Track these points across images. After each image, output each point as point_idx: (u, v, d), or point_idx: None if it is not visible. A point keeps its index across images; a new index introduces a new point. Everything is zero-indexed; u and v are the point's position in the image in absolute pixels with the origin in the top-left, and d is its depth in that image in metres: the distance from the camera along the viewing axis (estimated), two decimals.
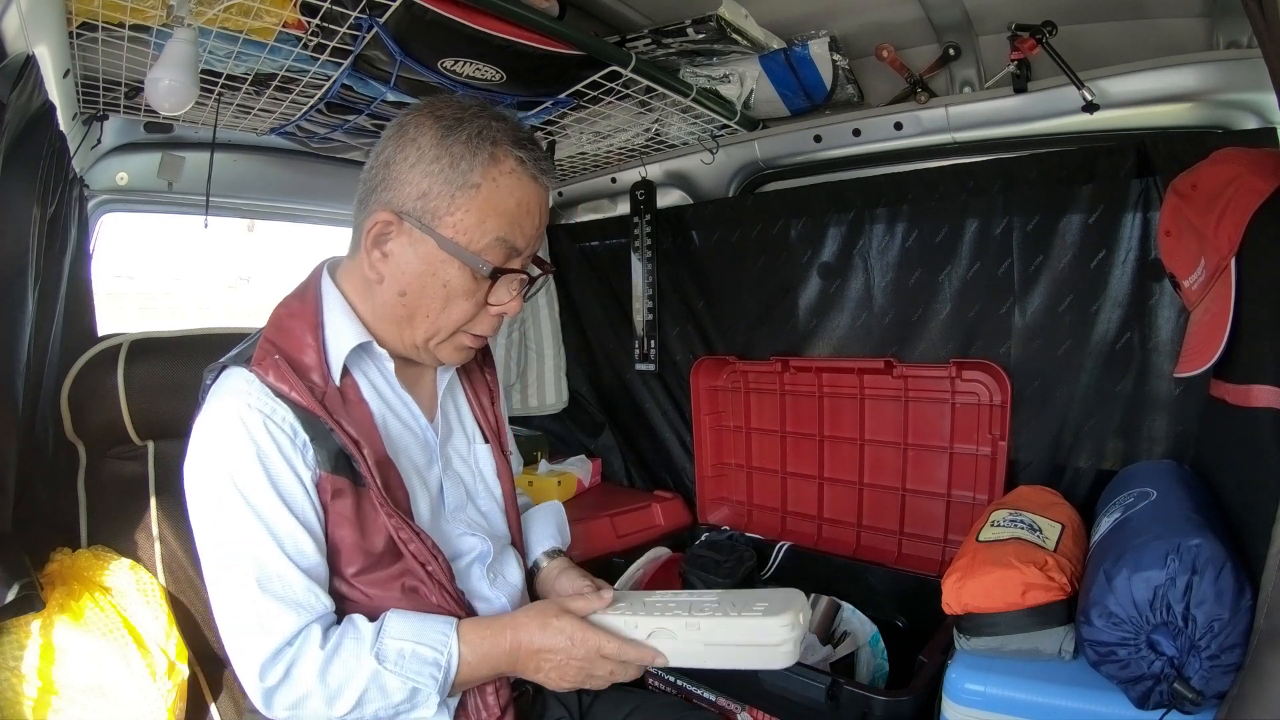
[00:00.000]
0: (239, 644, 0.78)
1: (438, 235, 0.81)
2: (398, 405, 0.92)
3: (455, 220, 0.81)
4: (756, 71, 1.34)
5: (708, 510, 1.76)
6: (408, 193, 0.81)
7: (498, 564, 0.98)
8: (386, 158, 0.83)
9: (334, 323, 0.86)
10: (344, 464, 0.82)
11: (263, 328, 0.87)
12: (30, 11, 0.82)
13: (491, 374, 1.07)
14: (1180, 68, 1.15)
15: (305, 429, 0.80)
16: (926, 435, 1.45)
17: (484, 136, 0.80)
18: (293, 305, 0.88)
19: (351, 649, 0.78)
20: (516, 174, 0.82)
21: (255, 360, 0.81)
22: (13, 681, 0.87)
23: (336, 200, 1.86)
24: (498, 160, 0.81)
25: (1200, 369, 0.89)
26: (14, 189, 0.88)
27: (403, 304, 0.85)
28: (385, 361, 0.89)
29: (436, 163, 0.80)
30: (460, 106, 0.83)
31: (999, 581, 0.91)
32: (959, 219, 1.39)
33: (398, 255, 0.83)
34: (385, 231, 0.82)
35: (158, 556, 1.14)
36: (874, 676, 1.20)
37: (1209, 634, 0.75)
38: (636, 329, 1.87)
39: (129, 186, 1.48)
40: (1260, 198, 0.85)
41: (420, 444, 0.94)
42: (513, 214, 0.83)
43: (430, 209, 0.81)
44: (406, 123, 0.83)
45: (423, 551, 0.85)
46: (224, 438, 0.79)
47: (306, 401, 0.80)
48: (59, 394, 1.09)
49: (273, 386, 0.80)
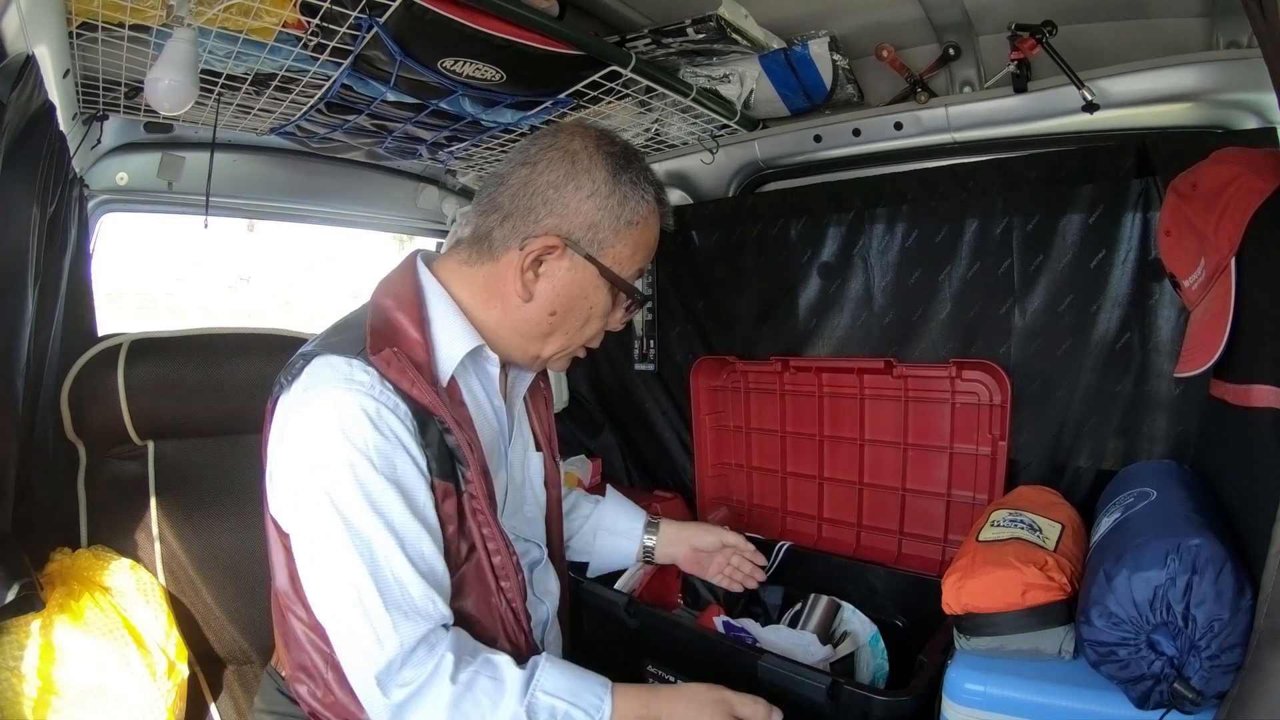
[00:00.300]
0: (353, 656, 0.74)
1: (600, 264, 0.86)
2: (488, 411, 0.93)
3: (615, 252, 0.87)
4: (756, 71, 1.34)
5: (708, 510, 1.76)
6: (579, 222, 0.85)
7: (542, 572, 1.00)
8: (553, 181, 0.85)
9: (444, 323, 0.86)
10: (449, 467, 0.81)
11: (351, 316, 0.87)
12: (30, 11, 0.82)
13: (548, 384, 1.10)
14: (1180, 68, 1.15)
15: (421, 431, 0.79)
16: (926, 435, 1.45)
17: (647, 180, 0.88)
18: (397, 297, 0.86)
19: (490, 690, 0.74)
20: (657, 215, 0.91)
21: (372, 349, 0.78)
22: (13, 681, 0.87)
23: (337, 200, 1.86)
24: (650, 204, 0.89)
25: (1200, 369, 0.89)
26: (14, 189, 0.88)
27: (549, 321, 0.88)
28: (493, 366, 0.91)
29: (610, 198, 0.85)
30: (623, 144, 0.89)
31: (999, 581, 0.90)
32: (959, 219, 1.39)
33: (554, 277, 0.86)
34: (547, 255, 0.85)
35: (158, 556, 1.15)
36: (874, 676, 1.20)
37: (1209, 634, 0.75)
38: (636, 329, 1.87)
39: (129, 186, 1.48)
40: (1260, 198, 0.85)
41: (495, 448, 0.94)
42: (650, 249, 0.92)
43: (599, 240, 0.86)
44: (576, 151, 0.85)
45: (505, 565, 0.85)
46: (343, 429, 0.75)
47: (428, 400, 0.78)
48: (59, 394, 1.10)
49: (394, 381, 0.77)
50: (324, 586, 0.76)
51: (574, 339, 0.92)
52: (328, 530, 0.75)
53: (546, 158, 0.86)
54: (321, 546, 0.76)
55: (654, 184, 0.90)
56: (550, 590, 1.01)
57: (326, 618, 0.76)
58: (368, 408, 0.75)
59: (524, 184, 0.86)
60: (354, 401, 0.75)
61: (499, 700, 0.74)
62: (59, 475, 1.12)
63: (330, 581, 0.75)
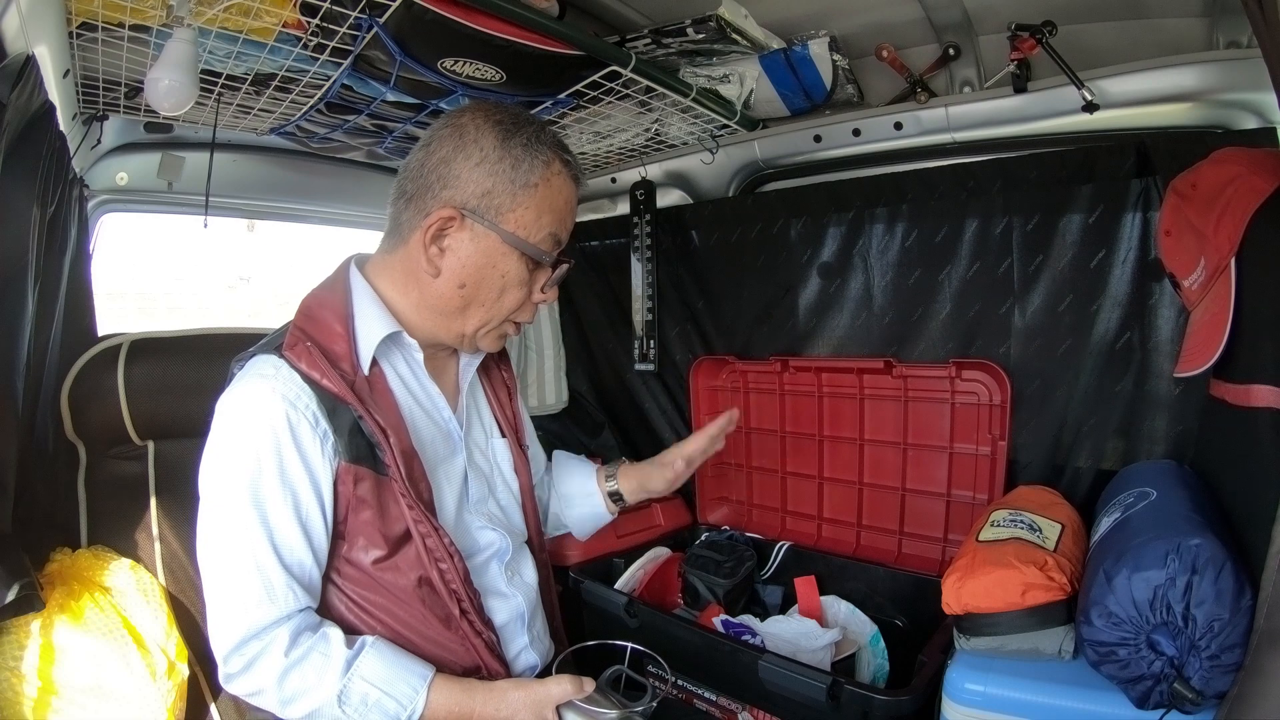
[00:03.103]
0: (215, 623, 0.81)
1: (501, 230, 0.87)
2: (423, 396, 0.95)
3: (516, 217, 0.88)
4: (756, 71, 1.34)
5: (707, 510, 1.76)
6: (471, 190, 0.86)
7: (515, 561, 1.01)
8: (444, 157, 0.87)
9: (364, 313, 0.89)
10: (367, 453, 0.84)
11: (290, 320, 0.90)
12: (30, 11, 0.82)
13: (508, 371, 1.11)
14: (1180, 68, 1.15)
15: (327, 418, 0.82)
16: (926, 435, 1.45)
17: (541, 140, 0.89)
18: (322, 296, 0.91)
19: (317, 665, 0.80)
20: (563, 176, 0.91)
21: (287, 346, 0.84)
22: (13, 681, 0.87)
23: (336, 200, 1.86)
24: (550, 163, 0.89)
25: (1200, 369, 0.89)
26: (14, 189, 0.88)
27: (461, 295, 0.90)
28: (415, 352, 0.93)
29: (500, 163, 0.86)
30: (513, 112, 0.90)
31: (999, 581, 0.91)
32: (959, 219, 1.39)
33: (458, 249, 0.88)
34: (446, 227, 0.87)
35: (158, 556, 1.15)
36: (874, 676, 1.20)
37: (1209, 634, 0.75)
38: (636, 329, 1.87)
39: (129, 186, 1.48)
40: (1260, 198, 0.85)
41: (444, 435, 0.96)
42: (561, 211, 0.92)
43: (494, 205, 0.87)
44: (464, 125, 0.88)
45: (439, 548, 0.87)
46: (242, 419, 0.81)
47: (338, 388, 0.82)
48: (59, 394, 1.10)
49: (303, 372, 0.82)
50: (204, 560, 0.82)
51: (493, 312, 0.92)
52: (211, 511, 0.82)
53: (438, 137, 0.89)
54: (205, 525, 0.82)
55: (551, 145, 0.90)
56: (526, 580, 1.02)
57: (205, 588, 0.82)
58: (268, 400, 0.80)
59: (420, 165, 0.89)
60: (256, 394, 0.81)
61: (323, 675, 0.79)
62: (59, 475, 1.12)
63: (209, 557, 0.82)
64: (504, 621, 0.96)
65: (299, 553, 0.82)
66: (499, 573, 0.98)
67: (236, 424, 0.82)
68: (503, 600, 0.97)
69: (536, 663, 1.01)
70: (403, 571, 0.87)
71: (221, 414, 0.83)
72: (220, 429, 0.83)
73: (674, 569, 1.50)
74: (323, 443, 0.82)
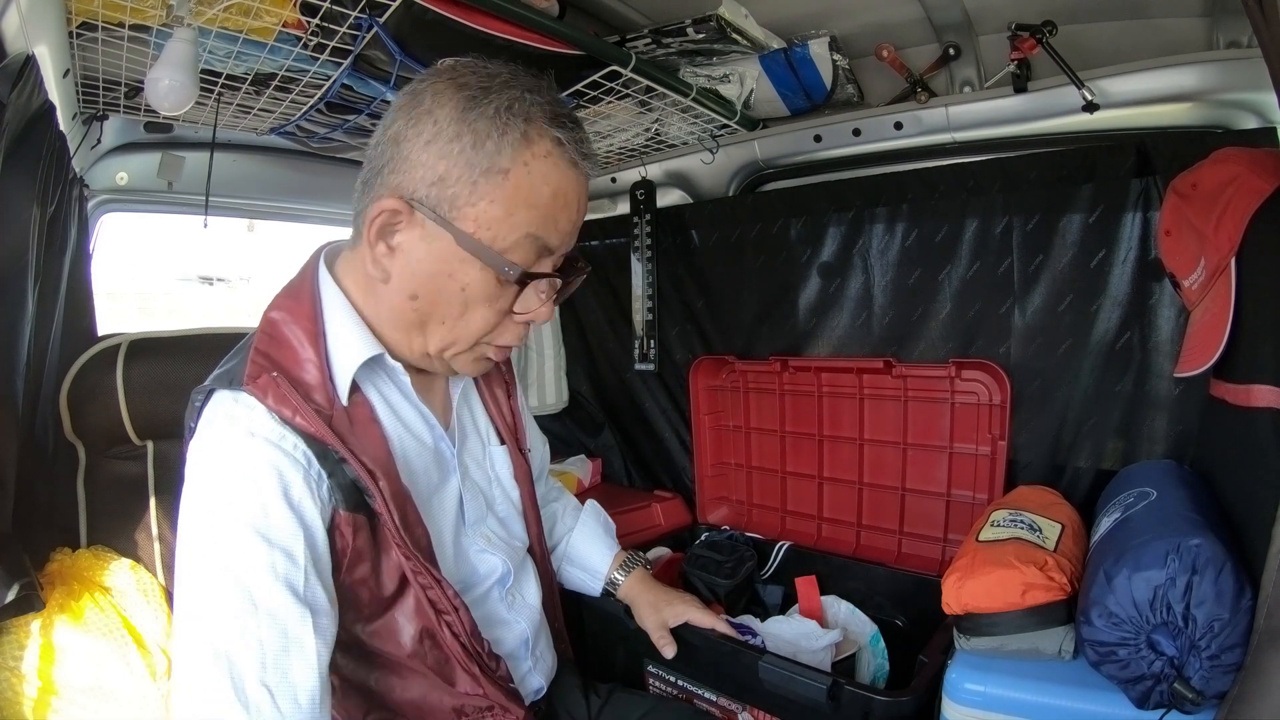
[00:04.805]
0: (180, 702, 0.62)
1: (455, 229, 0.68)
2: (414, 421, 0.80)
3: (478, 212, 0.68)
4: (756, 71, 1.34)
5: (707, 510, 1.76)
6: (420, 176, 0.67)
7: (517, 584, 0.92)
8: (395, 133, 0.69)
9: (338, 332, 0.73)
10: (357, 498, 0.71)
11: (249, 337, 0.74)
12: (30, 11, 0.82)
13: (508, 367, 0.98)
14: (1180, 68, 1.15)
15: (319, 460, 0.68)
16: (926, 435, 1.45)
17: (515, 111, 0.67)
18: (287, 307, 0.74)
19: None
20: (553, 158, 0.69)
21: (248, 378, 0.67)
22: (13, 681, 0.87)
23: (336, 200, 1.86)
24: (531, 141, 0.67)
25: (1200, 369, 0.89)
26: (14, 189, 0.88)
27: (413, 308, 0.72)
28: (400, 375, 0.78)
29: (457, 141, 0.66)
30: (487, 73, 0.69)
31: (999, 581, 0.91)
32: (959, 219, 1.39)
33: (407, 250, 0.70)
34: (392, 222, 0.69)
35: (158, 556, 1.15)
36: (874, 676, 1.20)
37: (1209, 634, 0.75)
38: (636, 329, 1.87)
39: (129, 186, 1.48)
40: (1260, 198, 0.85)
41: (435, 460, 0.83)
42: (546, 206, 0.70)
43: (447, 197, 0.67)
44: (421, 90, 0.69)
45: (442, 600, 0.75)
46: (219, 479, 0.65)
47: (314, 428, 0.67)
48: (59, 394, 1.09)
49: (275, 410, 0.67)
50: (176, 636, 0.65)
51: (458, 332, 0.74)
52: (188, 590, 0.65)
53: (396, 107, 0.70)
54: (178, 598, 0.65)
55: (537, 117, 0.68)
56: (529, 603, 0.93)
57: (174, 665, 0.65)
58: (242, 448, 0.65)
59: (375, 144, 0.71)
60: (227, 442, 0.66)
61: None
62: (59, 475, 1.12)
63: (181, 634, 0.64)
64: (509, 651, 0.89)
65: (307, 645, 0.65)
66: (500, 599, 0.89)
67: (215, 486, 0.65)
68: (505, 628, 0.89)
69: (542, 685, 0.95)
70: (401, 627, 0.75)
71: (194, 469, 0.67)
72: (195, 487, 0.66)
73: (674, 569, 1.50)
74: (316, 488, 0.67)
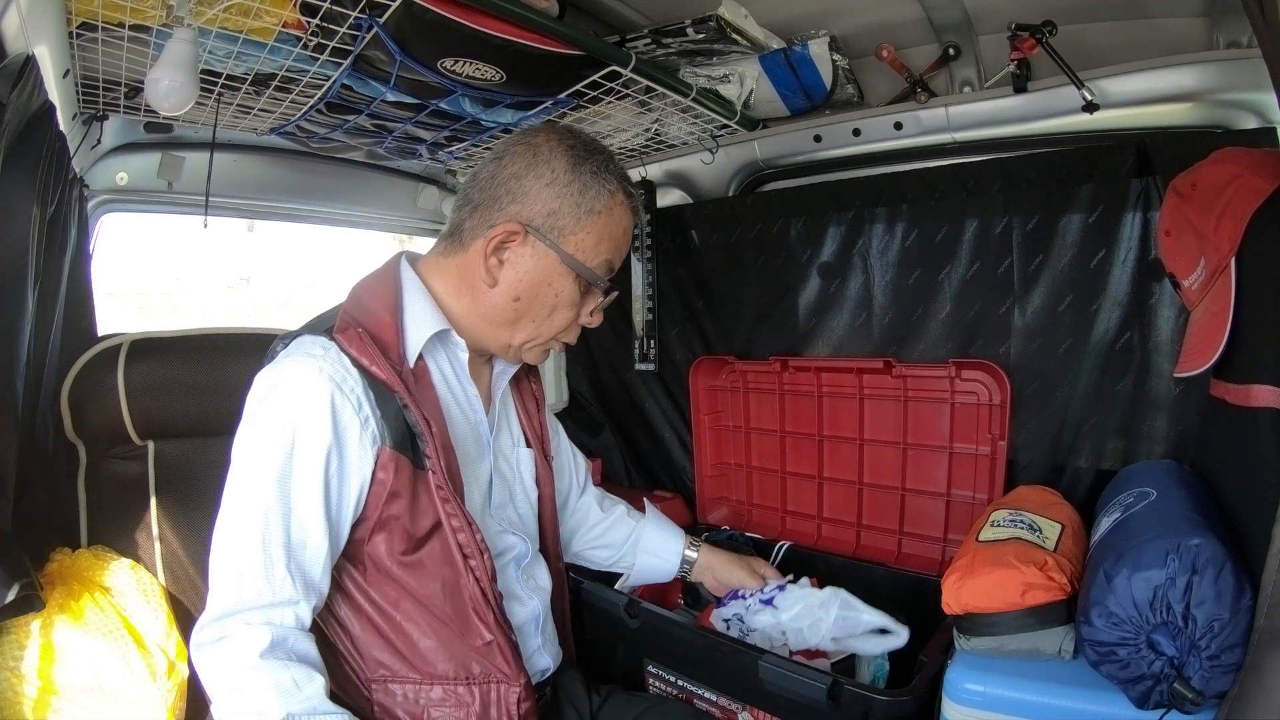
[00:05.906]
0: (213, 586, 0.78)
1: (561, 250, 0.90)
2: (460, 395, 0.96)
3: (578, 240, 0.91)
4: (756, 71, 1.34)
5: (707, 510, 1.76)
6: (539, 209, 0.89)
7: (531, 566, 1.02)
8: (516, 172, 0.90)
9: (415, 308, 0.90)
10: (408, 443, 0.84)
11: (336, 306, 0.91)
12: (30, 11, 0.82)
13: (538, 384, 1.13)
14: (1180, 68, 1.15)
15: (372, 405, 0.82)
16: (926, 435, 1.45)
17: (609, 170, 0.92)
18: (373, 286, 0.92)
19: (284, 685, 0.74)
20: (625, 207, 0.94)
21: (338, 329, 0.84)
22: (13, 681, 0.87)
23: (336, 200, 1.86)
24: (615, 193, 0.92)
25: (1200, 369, 0.89)
26: (14, 189, 0.88)
27: (514, 308, 0.92)
28: (460, 351, 0.94)
29: (569, 186, 0.89)
30: (585, 139, 0.94)
31: (999, 581, 0.91)
32: (959, 219, 1.39)
33: (516, 263, 0.90)
34: (508, 241, 0.90)
35: (158, 556, 1.15)
36: (874, 676, 1.20)
37: (1209, 634, 0.75)
38: (636, 329, 1.87)
39: (129, 186, 1.48)
40: (1260, 197, 0.85)
41: (475, 435, 0.97)
42: (619, 240, 0.95)
43: (559, 226, 0.90)
44: (539, 144, 0.91)
45: (470, 544, 0.87)
46: (283, 395, 0.80)
47: (387, 376, 0.82)
48: (59, 394, 1.10)
49: (353, 357, 0.82)
50: (216, 532, 0.80)
51: (542, 328, 0.95)
52: (234, 482, 0.80)
53: (512, 152, 0.92)
54: (226, 496, 0.81)
55: (618, 175, 0.93)
56: (541, 585, 1.03)
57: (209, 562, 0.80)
58: (313, 381, 0.79)
59: (490, 177, 0.91)
60: (302, 373, 0.80)
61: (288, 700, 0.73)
62: (59, 475, 1.12)
63: (220, 527, 0.80)
64: (520, 623, 0.97)
65: (313, 541, 0.79)
66: (515, 576, 0.99)
67: (276, 399, 0.80)
68: (519, 603, 0.98)
69: (549, 665, 1.02)
70: (427, 570, 0.86)
71: (260, 388, 0.82)
72: (258, 402, 0.81)
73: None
74: (363, 428, 0.81)
